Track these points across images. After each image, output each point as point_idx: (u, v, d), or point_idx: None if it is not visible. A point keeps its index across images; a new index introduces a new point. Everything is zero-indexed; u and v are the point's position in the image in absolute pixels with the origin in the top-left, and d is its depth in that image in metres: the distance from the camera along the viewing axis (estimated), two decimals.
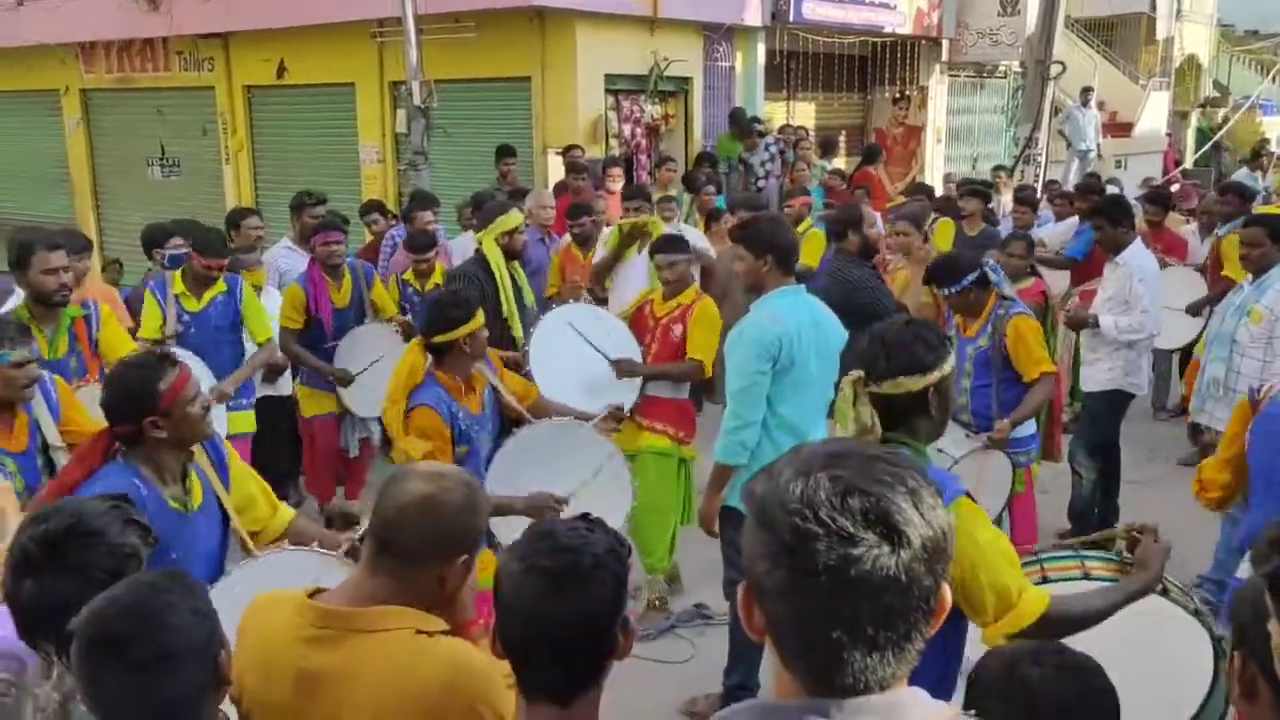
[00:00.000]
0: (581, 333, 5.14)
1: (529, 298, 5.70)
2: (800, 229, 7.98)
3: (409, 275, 6.54)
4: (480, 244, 5.54)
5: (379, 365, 5.77)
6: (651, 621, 5.06)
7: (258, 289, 6.06)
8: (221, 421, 5.23)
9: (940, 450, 4.41)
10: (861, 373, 2.44)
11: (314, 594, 1.97)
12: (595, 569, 1.62)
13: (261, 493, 3.15)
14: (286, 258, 6.99)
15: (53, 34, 13.58)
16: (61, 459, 3.49)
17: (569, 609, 1.60)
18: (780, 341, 3.84)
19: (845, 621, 1.13)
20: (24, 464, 3.49)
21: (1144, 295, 5.62)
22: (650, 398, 5.14)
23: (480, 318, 3.97)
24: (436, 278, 6.43)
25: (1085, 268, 7.47)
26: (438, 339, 3.90)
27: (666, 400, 5.15)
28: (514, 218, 5.55)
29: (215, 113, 13.37)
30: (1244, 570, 3.28)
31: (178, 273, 5.58)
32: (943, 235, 7.80)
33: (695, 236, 7.74)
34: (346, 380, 5.98)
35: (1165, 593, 2.53)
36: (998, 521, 4.61)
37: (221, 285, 5.57)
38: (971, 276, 4.74)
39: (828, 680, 1.17)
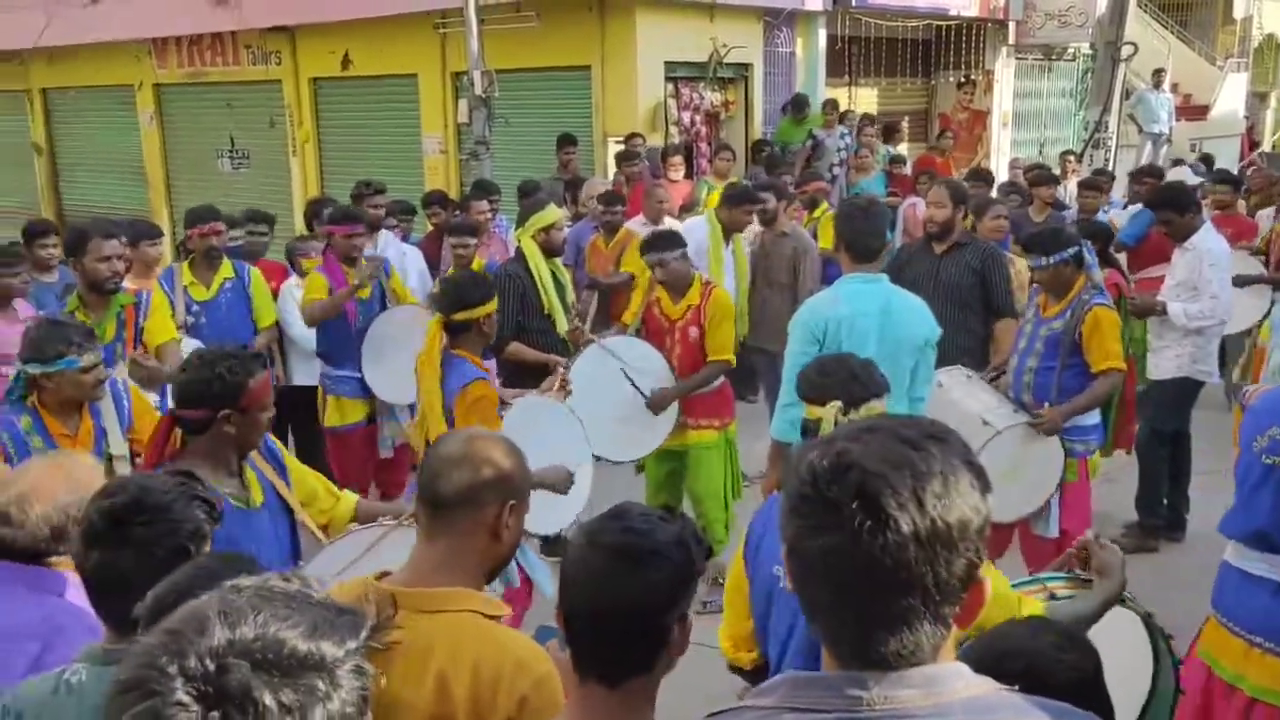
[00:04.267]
0: (621, 364, 5.06)
1: (571, 296, 5.70)
2: (816, 214, 7.95)
3: (450, 271, 6.32)
4: (520, 242, 5.56)
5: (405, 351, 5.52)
6: (713, 597, 5.15)
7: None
8: None
9: (985, 422, 4.38)
10: (840, 403, 2.57)
11: (381, 577, 2.02)
12: (654, 555, 1.63)
13: (321, 484, 3.19)
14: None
15: (127, 30, 13.96)
16: (122, 469, 3.47)
17: (620, 590, 1.61)
18: (827, 325, 3.90)
19: (835, 588, 1.17)
20: None
21: (1214, 280, 5.49)
22: (689, 397, 5.18)
23: (494, 304, 4.04)
24: (475, 269, 6.27)
25: (1140, 254, 7.27)
26: (458, 316, 3.93)
27: (704, 394, 5.20)
28: (549, 214, 5.52)
29: (282, 105, 13.63)
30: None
31: (186, 263, 5.64)
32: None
33: (696, 223, 7.72)
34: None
35: (1122, 601, 2.53)
36: (1046, 507, 4.57)
37: (229, 271, 5.62)
38: (1071, 251, 4.61)
39: (846, 650, 1.20)
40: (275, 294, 6.41)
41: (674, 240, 5.20)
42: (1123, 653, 2.44)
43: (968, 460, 1.20)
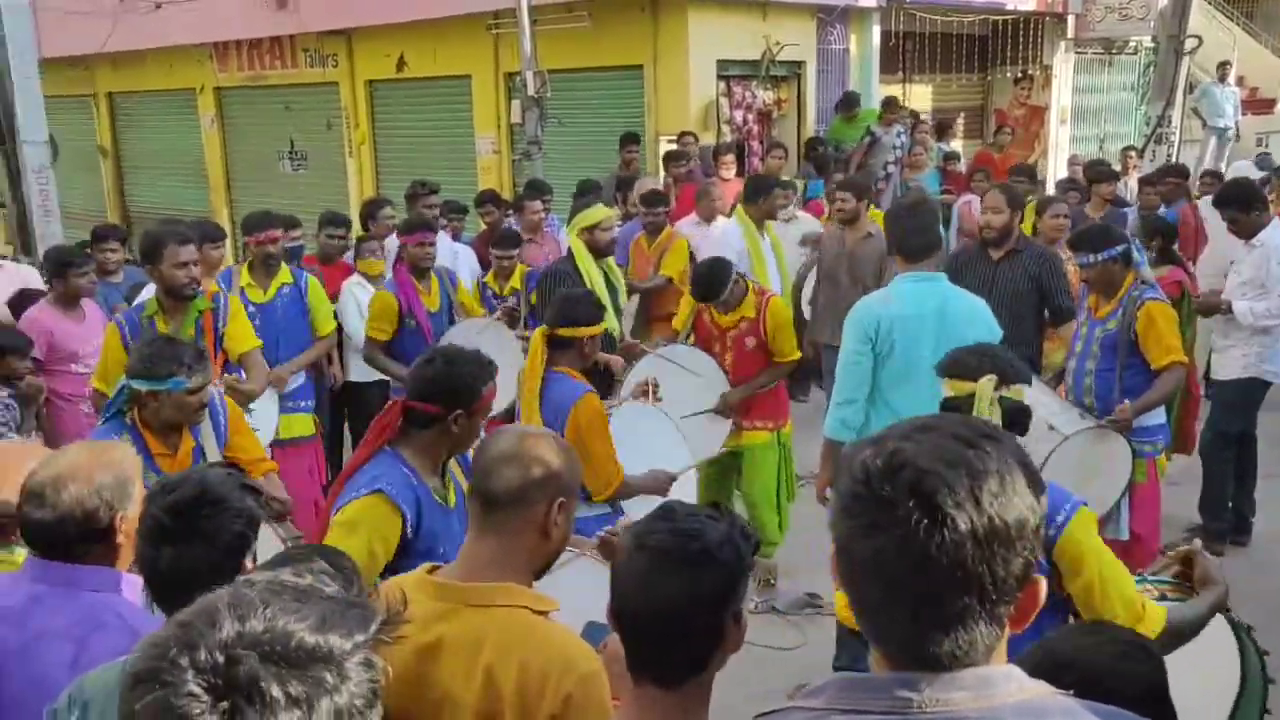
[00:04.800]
0: (686, 369, 5.01)
1: (624, 297, 5.69)
2: None
3: (489, 277, 6.36)
4: (571, 240, 5.58)
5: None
6: (763, 598, 5.17)
7: (372, 279, 6.20)
8: (272, 422, 5.10)
9: (1051, 428, 4.31)
10: (995, 377, 2.57)
11: (432, 570, 2.05)
12: (704, 555, 1.62)
13: None
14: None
15: (189, 35, 14.25)
16: None
17: (671, 592, 1.60)
18: (879, 324, 3.89)
19: (887, 588, 1.16)
20: None
21: None
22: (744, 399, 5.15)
23: (605, 324, 3.92)
24: (515, 281, 6.28)
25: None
26: (562, 331, 3.79)
27: (759, 395, 5.16)
28: (594, 213, 5.53)
29: (339, 107, 13.81)
30: None
31: (245, 265, 5.59)
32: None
33: (810, 223, 7.69)
34: None
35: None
36: (1115, 510, 4.48)
37: (288, 276, 5.56)
38: (1119, 249, 4.54)
39: (897, 651, 1.18)
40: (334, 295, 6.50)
41: (724, 274, 4.98)
42: (1207, 652, 2.42)
43: (1022, 460, 1.18)
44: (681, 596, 1.60)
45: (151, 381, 3.31)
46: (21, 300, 5.64)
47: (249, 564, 2.06)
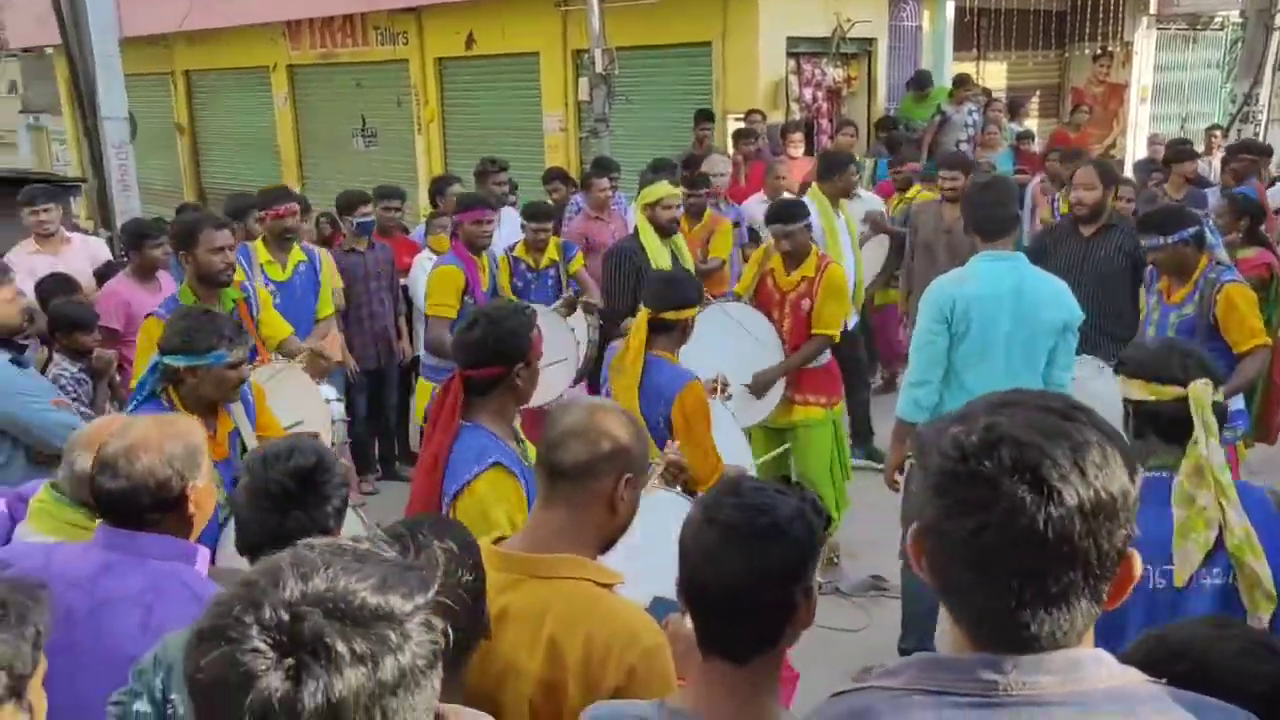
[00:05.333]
0: (740, 325, 5.01)
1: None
2: (909, 194, 7.72)
3: (520, 249, 6.19)
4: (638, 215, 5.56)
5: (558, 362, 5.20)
6: (827, 579, 5.12)
7: (441, 254, 6.25)
8: (330, 411, 4.70)
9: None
10: (1209, 380, 2.45)
11: (498, 540, 2.06)
12: (772, 529, 1.59)
13: None
14: None
15: (263, 14, 14.47)
16: None
17: (738, 568, 1.59)
18: (954, 303, 3.82)
19: (986, 568, 1.12)
20: (224, 473, 3.15)
21: None
22: (797, 372, 5.10)
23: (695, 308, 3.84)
24: (552, 253, 6.18)
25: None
26: (669, 315, 3.72)
27: (812, 370, 5.10)
28: (656, 190, 5.48)
29: (409, 84, 13.93)
30: None
31: (259, 241, 5.46)
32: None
33: (873, 201, 7.57)
34: None
35: None
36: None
37: (301, 254, 5.45)
38: (1190, 231, 4.37)
39: (987, 631, 1.15)
40: (406, 270, 6.59)
41: (799, 211, 5.13)
42: None
43: (1112, 431, 1.15)
44: (750, 572, 1.58)
45: (190, 356, 3.15)
46: (109, 271, 5.81)
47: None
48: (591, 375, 5.69)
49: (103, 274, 5.85)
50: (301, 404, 4.10)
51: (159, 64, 17.20)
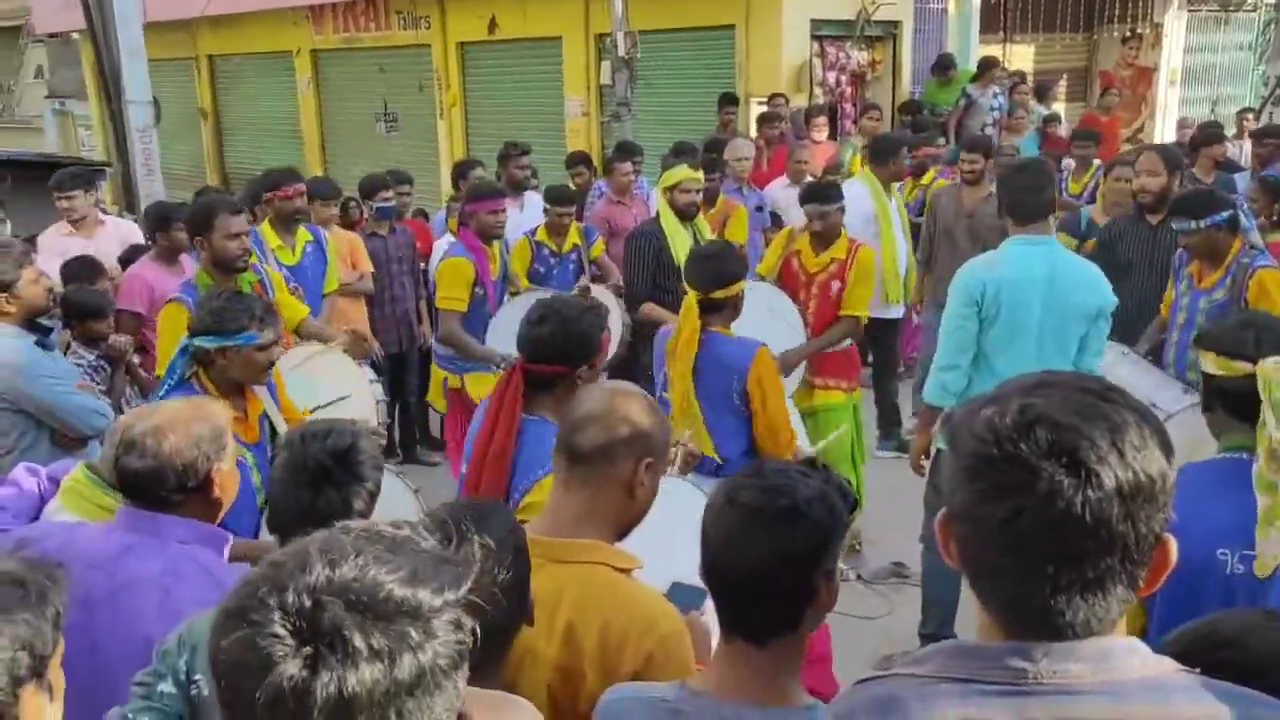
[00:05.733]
0: (770, 310, 4.94)
1: None
2: (925, 180, 7.65)
3: (542, 234, 6.06)
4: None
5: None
6: (848, 563, 5.09)
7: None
8: (370, 394, 4.60)
9: (1153, 405, 4.13)
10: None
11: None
12: (790, 513, 1.58)
13: None
14: None
15: None
16: None
17: (760, 549, 1.58)
18: (985, 286, 3.77)
19: (1021, 553, 1.09)
20: (259, 457, 3.19)
21: None
22: (818, 355, 5.06)
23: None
24: (574, 237, 6.08)
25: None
26: (717, 294, 3.66)
27: (833, 354, 5.07)
28: (675, 173, 5.43)
29: (431, 69, 13.92)
30: None
31: (265, 224, 5.34)
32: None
33: (857, 189, 7.51)
34: None
35: None
36: None
37: (308, 235, 5.38)
38: (1224, 214, 4.29)
39: (1020, 618, 1.13)
40: (426, 254, 6.61)
41: (835, 193, 5.13)
42: None
43: (1148, 412, 1.13)
44: (771, 554, 1.57)
45: (221, 337, 3.11)
46: (133, 255, 5.83)
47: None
48: (625, 361, 5.62)
49: (127, 258, 5.87)
50: (345, 384, 4.11)
51: (183, 49, 17.26)
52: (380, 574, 0.98)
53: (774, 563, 1.57)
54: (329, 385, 3.98)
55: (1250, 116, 10.88)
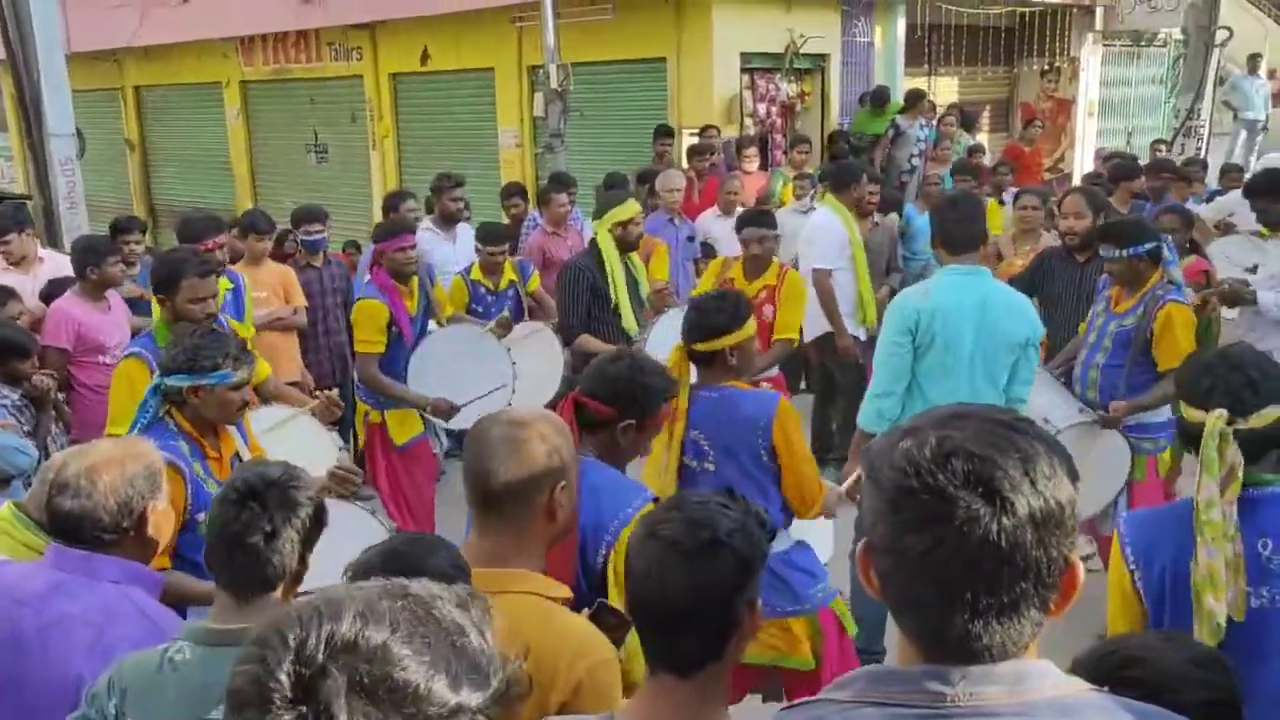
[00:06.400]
0: None
1: (645, 290, 5.60)
2: None
3: (476, 272, 5.99)
4: (596, 234, 5.53)
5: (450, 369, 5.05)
6: None
7: None
8: (334, 445, 4.49)
9: (1045, 420, 4.26)
10: (1225, 411, 2.36)
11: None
12: (713, 545, 1.60)
13: None
14: (428, 239, 7.21)
15: (216, 29, 14.33)
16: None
17: (684, 582, 1.59)
18: (919, 315, 3.88)
19: (941, 582, 1.13)
20: None
21: None
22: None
23: (751, 327, 3.41)
24: (509, 273, 6.04)
25: None
26: (699, 347, 3.34)
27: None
28: (628, 208, 5.45)
29: (363, 100, 13.87)
30: None
31: None
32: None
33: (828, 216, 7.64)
34: (450, 413, 5.03)
35: None
36: (1112, 507, 4.44)
37: (227, 282, 5.20)
38: (1147, 246, 4.45)
39: (939, 644, 1.16)
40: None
41: (771, 220, 5.29)
42: None
43: (1055, 443, 1.18)
44: (694, 587, 1.59)
45: (195, 376, 3.05)
46: (56, 289, 5.70)
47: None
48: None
49: (49, 293, 5.73)
50: (316, 453, 3.92)
51: (108, 79, 16.97)
52: (403, 652, 0.95)
53: (697, 595, 1.59)
54: (299, 454, 3.88)
55: (1163, 147, 11.30)
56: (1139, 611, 2.38)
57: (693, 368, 3.43)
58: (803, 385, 7.60)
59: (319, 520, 2.10)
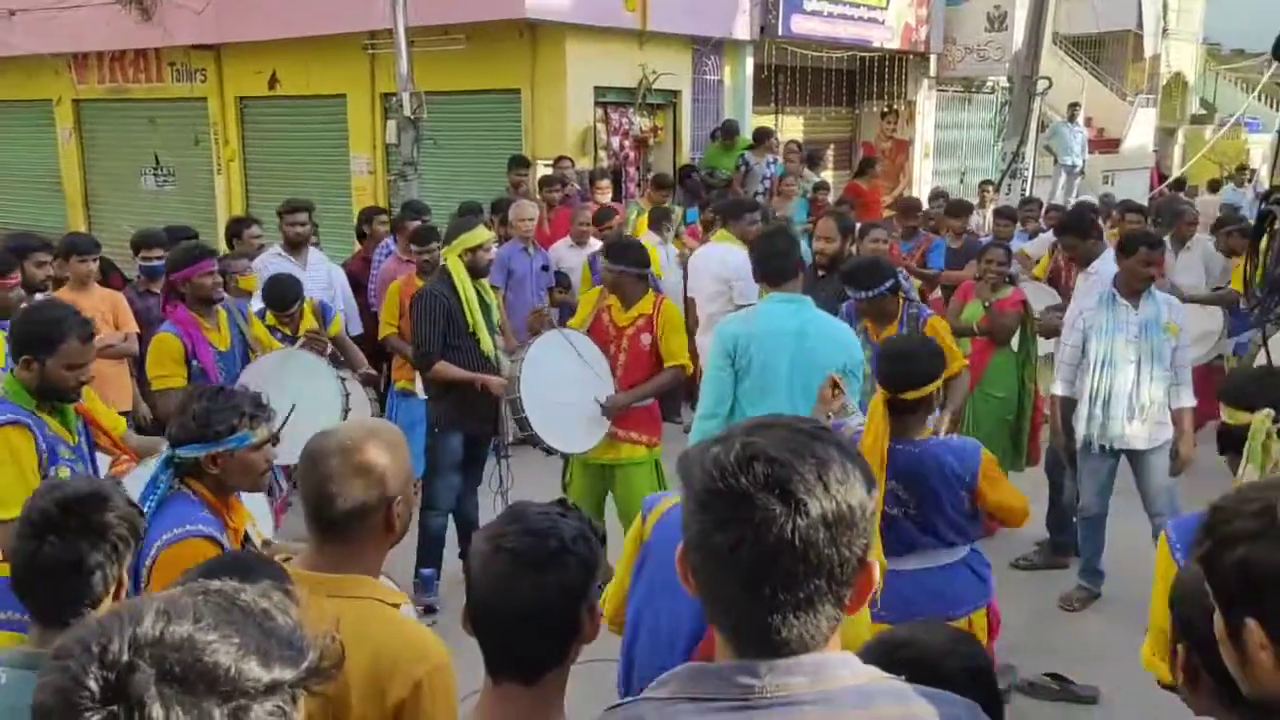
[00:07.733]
0: (578, 354, 5.06)
1: (497, 315, 5.62)
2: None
3: (270, 319, 5.69)
4: (446, 260, 5.50)
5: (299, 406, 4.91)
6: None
7: (248, 294, 6.04)
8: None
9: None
10: (1272, 410, 2.57)
11: (286, 559, 2.08)
12: (560, 553, 1.65)
13: None
14: (277, 265, 7.04)
15: (45, 45, 13.65)
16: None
17: (531, 592, 1.64)
18: (737, 341, 4.04)
19: (743, 578, 1.21)
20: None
21: None
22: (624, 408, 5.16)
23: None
24: (308, 321, 5.81)
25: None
26: (911, 396, 3.55)
27: (636, 408, 5.15)
28: (478, 234, 5.45)
29: (208, 123, 13.44)
30: None
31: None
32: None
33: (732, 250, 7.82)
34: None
35: None
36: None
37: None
38: (891, 283, 4.81)
39: (745, 638, 1.24)
40: None
41: (641, 257, 5.21)
42: None
43: (854, 452, 1.28)
44: (542, 594, 1.64)
45: (209, 444, 2.67)
46: None
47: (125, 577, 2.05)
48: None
49: None
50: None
51: None
52: (210, 639, 0.95)
53: (546, 602, 1.64)
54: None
55: (990, 189, 12.01)
56: None
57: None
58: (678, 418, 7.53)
59: (135, 533, 2.05)
